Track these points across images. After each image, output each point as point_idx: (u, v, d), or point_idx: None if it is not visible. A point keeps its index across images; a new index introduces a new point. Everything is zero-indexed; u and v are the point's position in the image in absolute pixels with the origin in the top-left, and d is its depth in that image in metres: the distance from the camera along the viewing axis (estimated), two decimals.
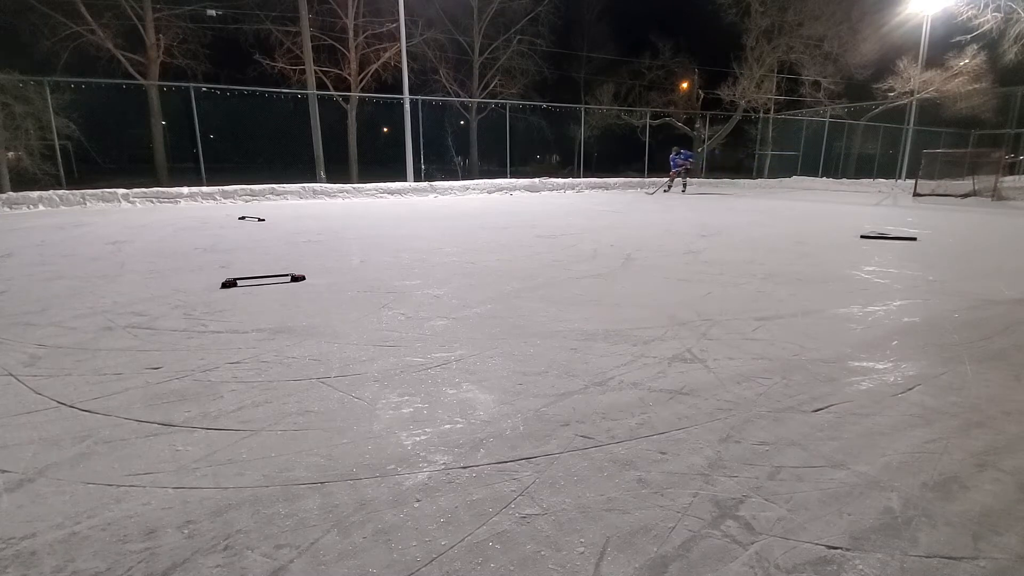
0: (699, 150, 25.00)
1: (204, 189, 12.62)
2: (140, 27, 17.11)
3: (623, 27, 30.05)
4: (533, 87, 24.89)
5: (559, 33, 25.53)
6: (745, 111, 23.81)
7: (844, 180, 20.98)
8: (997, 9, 16.09)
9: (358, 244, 6.36)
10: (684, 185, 17.56)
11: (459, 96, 23.22)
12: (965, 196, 14.60)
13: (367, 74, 20.05)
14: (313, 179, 16.40)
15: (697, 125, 25.13)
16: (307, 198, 13.59)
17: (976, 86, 19.30)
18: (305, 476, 1.68)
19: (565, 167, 25.22)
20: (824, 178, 21.71)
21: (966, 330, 3.16)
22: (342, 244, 6.37)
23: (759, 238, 7.00)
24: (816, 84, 22.82)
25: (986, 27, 16.47)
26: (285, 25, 18.93)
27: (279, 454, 1.81)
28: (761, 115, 24.25)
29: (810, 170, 23.05)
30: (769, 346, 2.87)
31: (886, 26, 20.33)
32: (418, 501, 1.56)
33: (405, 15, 15.45)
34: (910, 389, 2.34)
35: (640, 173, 21.34)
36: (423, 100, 17.86)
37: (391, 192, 14.56)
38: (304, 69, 18.65)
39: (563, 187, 17.45)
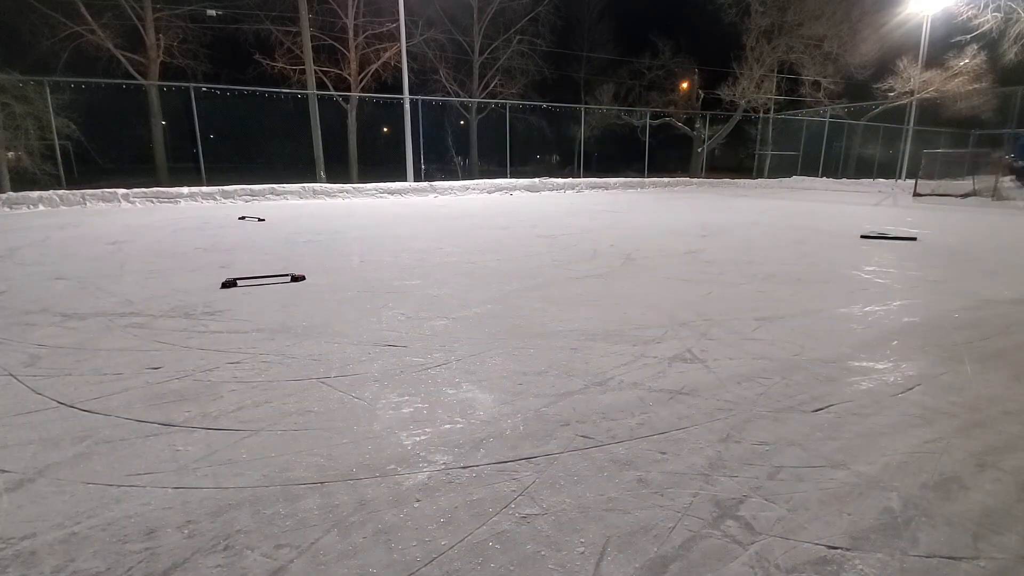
0: (699, 150, 24.99)
1: (204, 189, 12.62)
2: (140, 27, 17.11)
3: (623, 27, 30.08)
4: (533, 87, 24.91)
5: (559, 33, 25.57)
6: (745, 111, 23.79)
7: (844, 180, 20.99)
8: (997, 9, 16.08)
9: (358, 244, 6.35)
10: None
11: (459, 96, 23.21)
12: (965, 196, 14.59)
13: (367, 74, 20.05)
14: (313, 179, 16.40)
15: (697, 125, 25.11)
16: (307, 198, 13.59)
17: (976, 86, 19.29)
18: (305, 476, 1.68)
19: (565, 167, 25.19)
20: (824, 178, 21.71)
21: (966, 330, 3.16)
22: (342, 244, 6.36)
23: (759, 238, 7.00)
24: (816, 84, 22.80)
25: (986, 27, 16.45)
26: (285, 25, 18.94)
27: (279, 454, 1.81)
28: (761, 115, 24.24)
29: (810, 170, 23.06)
30: (769, 346, 2.87)
31: (886, 26, 20.33)
32: (418, 501, 1.56)
33: (405, 15, 15.45)
34: (910, 389, 2.34)
35: (640, 173, 21.32)
36: (423, 100, 17.85)
37: (391, 192, 14.56)
38: (304, 69, 18.65)
39: (563, 187, 17.45)
